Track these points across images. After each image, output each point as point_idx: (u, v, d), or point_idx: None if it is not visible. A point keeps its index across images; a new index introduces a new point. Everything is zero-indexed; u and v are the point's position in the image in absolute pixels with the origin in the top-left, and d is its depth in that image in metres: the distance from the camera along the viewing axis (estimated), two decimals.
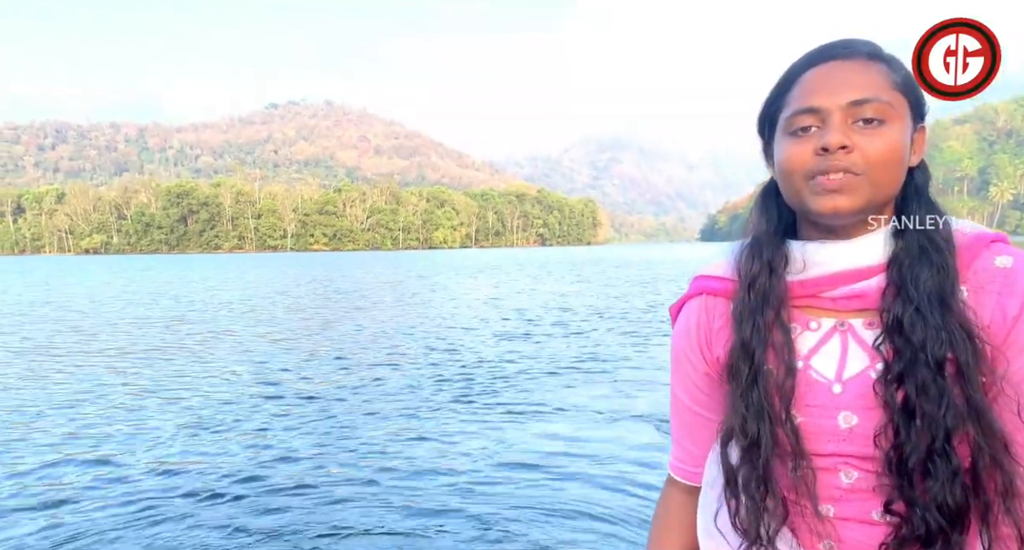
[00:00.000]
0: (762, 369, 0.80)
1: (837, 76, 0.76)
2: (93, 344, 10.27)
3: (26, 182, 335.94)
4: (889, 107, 0.75)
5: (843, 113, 0.75)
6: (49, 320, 14.00)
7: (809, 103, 0.77)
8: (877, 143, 0.74)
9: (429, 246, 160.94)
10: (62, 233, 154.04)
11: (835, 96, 0.76)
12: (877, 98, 0.74)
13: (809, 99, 0.77)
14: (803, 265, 0.81)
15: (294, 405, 6.04)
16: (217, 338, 10.77)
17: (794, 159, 0.77)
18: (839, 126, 0.75)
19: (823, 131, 0.76)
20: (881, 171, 0.75)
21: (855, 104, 0.75)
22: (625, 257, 58.02)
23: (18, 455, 4.70)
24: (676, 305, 0.94)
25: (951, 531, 0.72)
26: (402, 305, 16.19)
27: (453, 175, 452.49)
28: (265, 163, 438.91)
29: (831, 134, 0.74)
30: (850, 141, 0.74)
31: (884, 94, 0.75)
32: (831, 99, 0.76)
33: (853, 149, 0.74)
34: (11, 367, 8.34)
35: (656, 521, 0.99)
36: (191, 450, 4.76)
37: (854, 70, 0.76)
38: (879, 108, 0.74)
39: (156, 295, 20.96)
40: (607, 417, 5.40)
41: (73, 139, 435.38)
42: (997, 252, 0.77)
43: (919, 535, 0.72)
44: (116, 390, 6.85)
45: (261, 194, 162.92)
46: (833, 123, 0.75)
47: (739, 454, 0.81)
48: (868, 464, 0.76)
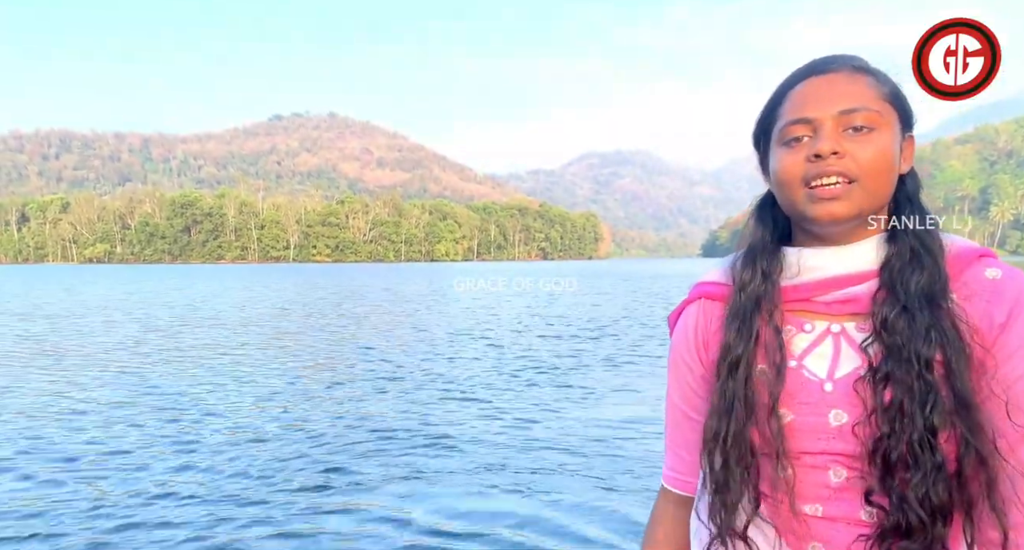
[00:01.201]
0: (743, 367, 0.82)
1: (826, 88, 0.80)
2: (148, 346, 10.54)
3: (29, 191, 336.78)
4: (878, 115, 0.78)
5: (834, 122, 0.78)
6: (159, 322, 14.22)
7: (801, 114, 0.80)
8: (868, 149, 0.77)
9: (431, 259, 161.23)
10: (66, 242, 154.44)
11: (825, 106, 0.79)
12: (866, 107, 0.78)
13: (801, 110, 0.80)
14: (798, 270, 0.84)
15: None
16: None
17: (789, 167, 0.80)
18: (830, 134, 0.78)
19: (815, 140, 0.79)
20: (873, 176, 0.78)
21: (845, 113, 0.78)
22: (632, 271, 57.92)
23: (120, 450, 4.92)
24: (675, 312, 0.96)
25: (932, 525, 0.72)
26: (467, 310, 16.55)
27: (455, 188, 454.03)
28: (268, 174, 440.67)
29: (822, 141, 0.78)
30: (841, 148, 0.77)
31: (872, 103, 0.78)
32: (822, 109, 0.79)
33: (845, 155, 0.77)
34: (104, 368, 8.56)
35: (648, 534, 0.98)
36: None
37: (842, 82, 0.80)
38: (868, 116, 0.78)
39: (216, 305, 21.22)
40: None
41: (77, 148, 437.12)
42: (987, 265, 0.80)
43: (899, 527, 0.73)
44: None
45: (264, 205, 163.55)
46: (825, 131, 0.78)
47: (714, 449, 0.83)
48: (858, 463, 0.77)
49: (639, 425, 6.02)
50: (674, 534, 0.94)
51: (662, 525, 0.96)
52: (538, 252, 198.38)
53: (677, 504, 0.95)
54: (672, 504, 0.95)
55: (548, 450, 5.31)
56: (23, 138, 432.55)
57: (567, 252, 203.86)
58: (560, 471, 4.79)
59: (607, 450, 5.29)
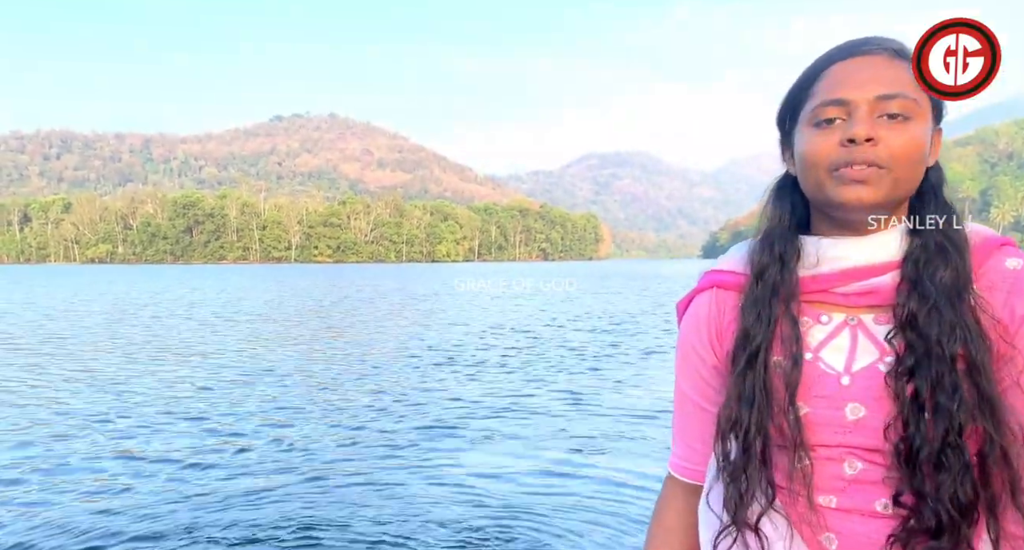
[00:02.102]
0: (761, 357, 0.81)
1: (865, 70, 0.77)
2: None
3: (31, 191, 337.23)
4: (915, 104, 0.76)
5: (870, 106, 0.76)
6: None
7: (836, 95, 0.77)
8: (903, 138, 0.75)
9: (432, 259, 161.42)
10: (68, 242, 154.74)
11: (863, 89, 0.76)
12: (904, 94, 0.75)
13: (836, 91, 0.77)
14: (816, 260, 0.82)
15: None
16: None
17: (819, 150, 0.78)
18: (866, 118, 0.75)
19: (849, 123, 0.76)
20: (904, 166, 0.75)
21: (883, 98, 0.75)
22: (635, 271, 58.18)
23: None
24: (684, 300, 0.94)
25: (960, 524, 0.72)
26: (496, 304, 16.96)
27: (455, 189, 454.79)
28: (269, 175, 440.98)
29: (858, 126, 0.75)
30: (876, 134, 0.75)
31: (911, 91, 0.76)
32: (859, 92, 0.76)
33: (879, 142, 0.75)
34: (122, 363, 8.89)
35: (655, 521, 0.98)
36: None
37: (881, 65, 0.77)
38: (905, 104, 0.75)
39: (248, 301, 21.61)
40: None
41: (78, 149, 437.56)
42: (1008, 254, 0.78)
43: (928, 527, 0.72)
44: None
45: (266, 206, 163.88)
46: (860, 115, 0.76)
47: (731, 439, 0.82)
48: (874, 456, 0.76)
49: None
50: (681, 522, 0.94)
51: (669, 513, 0.96)
52: (539, 253, 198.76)
53: (685, 492, 0.95)
54: (680, 492, 0.95)
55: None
56: (24, 138, 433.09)
57: (567, 253, 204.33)
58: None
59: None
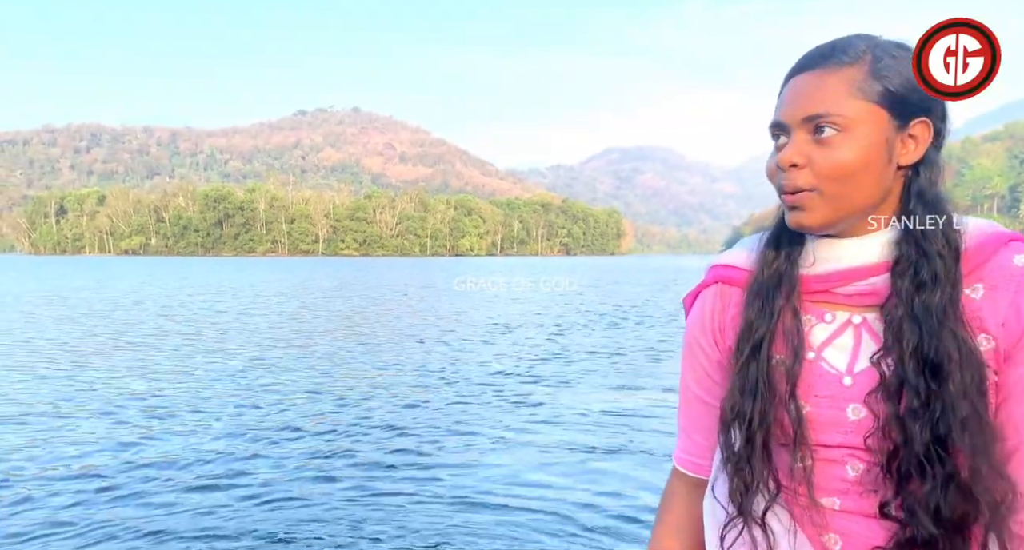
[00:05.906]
0: (764, 350, 0.80)
1: (797, 89, 0.77)
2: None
3: (62, 184, 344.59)
4: (843, 119, 0.73)
5: (801, 128, 0.76)
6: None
7: (776, 117, 0.79)
8: (830, 159, 0.74)
9: (456, 253, 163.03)
10: (103, 234, 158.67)
11: (794, 111, 0.76)
12: (827, 112, 0.74)
13: (777, 113, 0.79)
14: (813, 259, 0.82)
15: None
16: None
17: (771, 174, 0.79)
18: (796, 142, 0.76)
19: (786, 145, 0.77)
20: (833, 185, 0.74)
21: (808, 120, 0.75)
22: (658, 266, 58.40)
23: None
24: (690, 295, 0.94)
25: (946, 538, 0.71)
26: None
27: (477, 183, 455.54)
28: (293, 168, 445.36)
29: (785, 152, 0.76)
30: (803, 158, 0.75)
31: (838, 105, 0.74)
32: (789, 114, 0.77)
33: (805, 166, 0.75)
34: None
35: (660, 515, 0.98)
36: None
37: (812, 83, 0.76)
38: (831, 121, 0.74)
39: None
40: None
41: (107, 142, 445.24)
42: (1016, 251, 0.76)
43: (914, 540, 0.72)
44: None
45: (293, 200, 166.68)
46: (793, 140, 0.76)
47: (735, 431, 0.82)
48: (876, 457, 0.76)
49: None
50: (687, 515, 0.95)
51: (675, 506, 0.96)
52: (560, 248, 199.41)
53: (690, 486, 0.95)
54: (685, 486, 0.96)
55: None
56: (56, 132, 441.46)
57: (589, 248, 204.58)
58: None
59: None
